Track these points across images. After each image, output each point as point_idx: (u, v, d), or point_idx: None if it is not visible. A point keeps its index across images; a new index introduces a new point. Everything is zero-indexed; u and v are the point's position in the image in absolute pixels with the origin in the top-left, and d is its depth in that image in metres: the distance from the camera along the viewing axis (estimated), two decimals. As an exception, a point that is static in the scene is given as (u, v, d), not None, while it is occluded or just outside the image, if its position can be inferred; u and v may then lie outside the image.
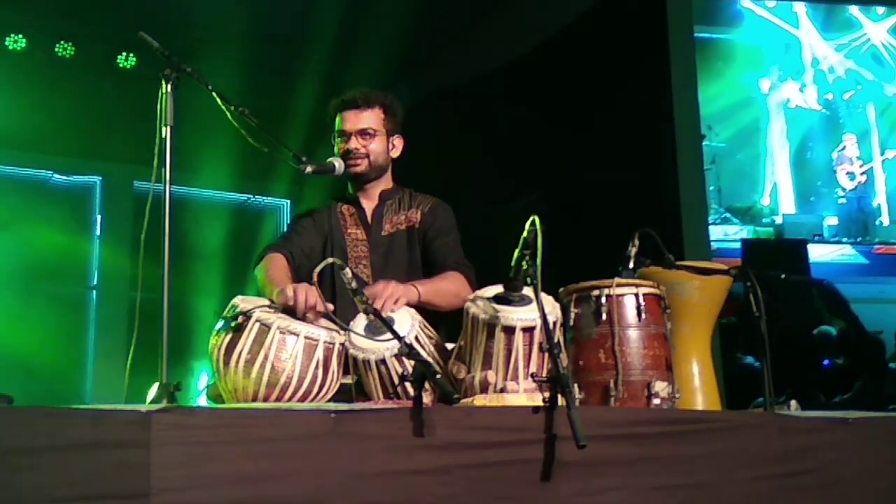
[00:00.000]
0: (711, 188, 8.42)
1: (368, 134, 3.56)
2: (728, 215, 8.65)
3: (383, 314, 2.80)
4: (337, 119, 3.60)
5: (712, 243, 7.51)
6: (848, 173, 9.12)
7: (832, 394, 5.79)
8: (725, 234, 8.39)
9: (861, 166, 9.06)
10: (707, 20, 8.45)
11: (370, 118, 3.58)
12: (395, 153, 3.67)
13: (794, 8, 8.83)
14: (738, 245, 8.01)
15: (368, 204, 3.64)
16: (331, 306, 2.92)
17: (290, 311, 2.85)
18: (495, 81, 7.82)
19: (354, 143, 3.56)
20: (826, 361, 6.21)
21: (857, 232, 8.88)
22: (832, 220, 8.92)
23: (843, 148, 9.18)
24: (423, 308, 3.10)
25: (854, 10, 8.92)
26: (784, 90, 9.04)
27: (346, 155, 3.55)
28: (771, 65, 8.97)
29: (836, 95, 9.23)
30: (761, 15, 8.77)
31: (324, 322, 2.87)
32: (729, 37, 8.72)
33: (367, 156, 3.57)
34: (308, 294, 2.86)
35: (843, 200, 9.11)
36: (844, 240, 8.80)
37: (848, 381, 5.82)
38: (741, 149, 8.88)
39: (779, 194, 8.88)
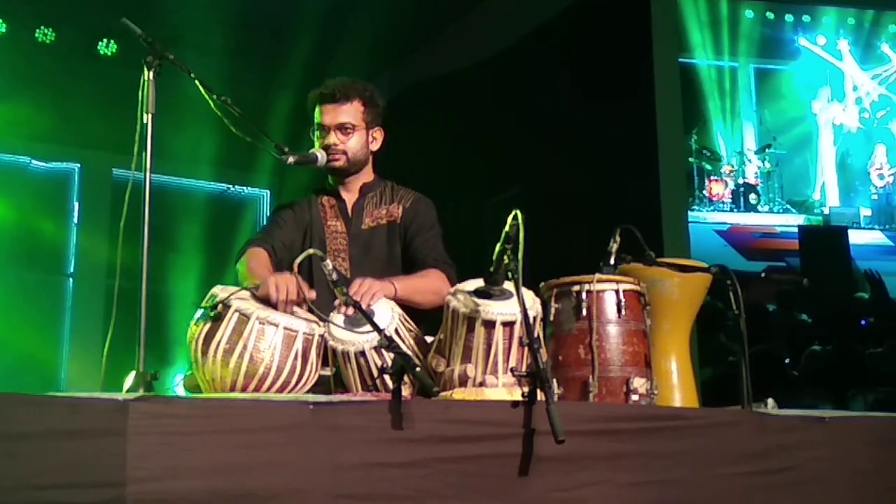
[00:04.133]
0: (776, 186, 11.05)
1: (347, 129, 3.49)
2: (788, 207, 11.00)
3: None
4: (316, 111, 3.51)
5: (777, 229, 10.51)
6: (879, 175, 11.37)
7: (867, 347, 6.81)
8: (787, 221, 10.68)
9: (889, 170, 11.41)
10: (772, 55, 11.19)
11: (349, 112, 3.49)
12: (375, 146, 3.59)
13: (838, 46, 11.29)
14: (795, 230, 10.13)
15: (349, 196, 3.58)
16: (313, 294, 2.91)
17: (270, 301, 2.85)
18: (477, 74, 7.80)
19: (333, 139, 3.48)
20: (863, 321, 7.26)
21: (886, 221, 11.11)
22: (867, 212, 11.17)
23: (876, 155, 11.49)
24: (402, 305, 3.09)
25: (885, 47, 11.45)
26: (831, 110, 11.47)
27: (326, 150, 3.48)
28: (821, 90, 11.44)
29: (871, 114, 11.63)
30: (814, 51, 11.29)
31: (303, 313, 2.86)
32: (789, 68, 11.37)
33: (346, 152, 3.50)
34: (289, 288, 2.86)
35: (876, 196, 11.32)
36: (877, 227, 11.01)
37: (880, 337, 6.89)
38: (798, 155, 11.36)
39: (826, 191, 11.25)
